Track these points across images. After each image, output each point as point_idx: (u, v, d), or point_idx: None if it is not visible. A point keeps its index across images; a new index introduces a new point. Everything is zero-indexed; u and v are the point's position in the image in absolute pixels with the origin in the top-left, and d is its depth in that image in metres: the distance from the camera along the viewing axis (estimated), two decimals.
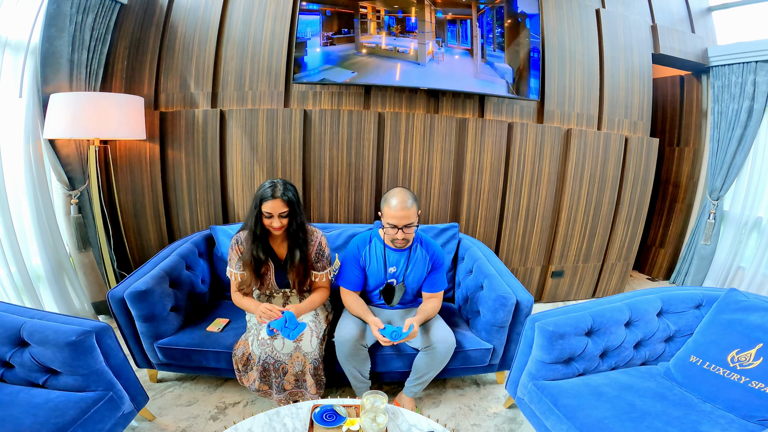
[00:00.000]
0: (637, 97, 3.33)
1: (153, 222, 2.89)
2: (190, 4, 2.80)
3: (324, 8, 2.61)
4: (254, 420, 1.42)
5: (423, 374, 1.94)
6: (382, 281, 2.09)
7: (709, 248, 3.68)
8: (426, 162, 2.91)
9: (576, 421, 1.51)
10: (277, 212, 1.83)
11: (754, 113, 3.28)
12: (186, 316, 2.13)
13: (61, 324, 1.43)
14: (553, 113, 3.12)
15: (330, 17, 2.63)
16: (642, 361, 1.87)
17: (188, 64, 2.79)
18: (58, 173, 2.50)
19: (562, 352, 1.68)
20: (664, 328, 1.82)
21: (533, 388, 1.73)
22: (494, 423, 2.04)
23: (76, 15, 2.44)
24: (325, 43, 2.63)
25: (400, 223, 1.88)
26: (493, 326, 2.04)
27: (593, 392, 1.61)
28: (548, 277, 3.39)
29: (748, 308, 1.63)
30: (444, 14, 2.75)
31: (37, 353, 1.42)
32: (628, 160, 3.29)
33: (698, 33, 3.61)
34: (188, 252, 2.28)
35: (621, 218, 3.42)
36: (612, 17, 3.25)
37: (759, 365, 1.51)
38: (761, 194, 3.41)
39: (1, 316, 1.46)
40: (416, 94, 2.89)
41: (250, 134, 2.74)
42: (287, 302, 2.04)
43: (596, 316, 1.74)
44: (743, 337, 1.58)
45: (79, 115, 2.26)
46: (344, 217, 2.92)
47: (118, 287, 1.87)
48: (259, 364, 1.77)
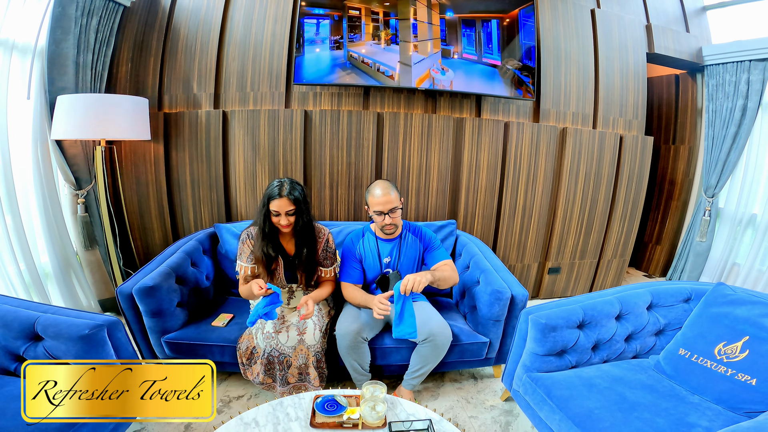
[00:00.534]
0: (632, 96, 3.38)
1: (157, 220, 2.96)
2: (192, 6, 2.86)
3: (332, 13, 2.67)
4: (258, 410, 1.48)
5: (421, 366, 2.01)
6: (378, 272, 2.18)
7: (704, 245, 3.72)
8: (424, 161, 2.97)
9: (568, 411, 1.56)
10: (284, 210, 1.89)
11: (748, 111, 3.32)
12: (191, 312, 2.19)
13: (74, 318, 1.49)
14: (549, 112, 3.17)
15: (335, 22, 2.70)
16: (633, 355, 1.92)
17: (191, 66, 2.84)
18: (65, 173, 2.56)
19: (554, 344, 1.74)
20: (654, 322, 1.88)
21: (527, 379, 1.78)
22: (491, 415, 2.10)
23: (80, 18, 2.49)
24: (333, 47, 2.70)
25: (386, 208, 2.00)
26: (489, 320, 2.10)
27: (585, 384, 1.66)
28: (545, 273, 3.45)
29: (734, 302, 1.68)
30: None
31: (51, 347, 1.48)
32: (623, 158, 3.34)
33: (693, 32, 3.65)
34: (193, 249, 2.34)
35: (616, 215, 3.47)
36: (607, 17, 3.30)
37: (745, 358, 1.55)
38: (755, 191, 3.46)
39: (15, 311, 1.52)
40: (414, 94, 2.95)
41: (253, 134, 2.80)
42: (292, 297, 2.11)
43: (587, 309, 1.80)
44: (730, 330, 1.62)
45: (85, 117, 2.30)
46: (344, 215, 2.98)
47: (127, 283, 1.93)
48: (263, 357, 1.84)
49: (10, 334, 1.50)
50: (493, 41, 2.89)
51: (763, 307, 1.61)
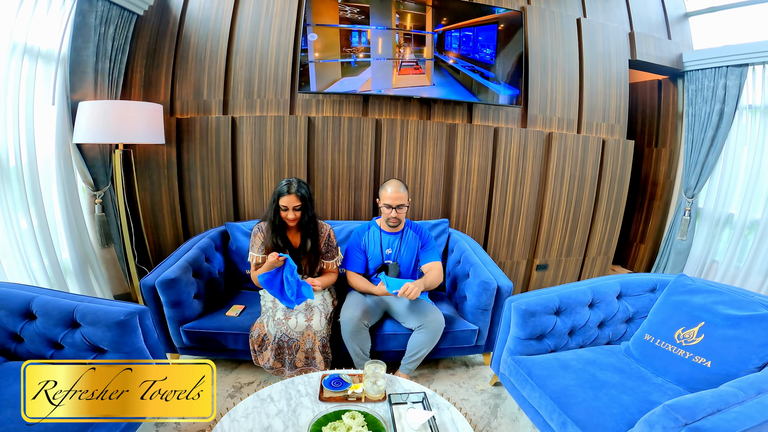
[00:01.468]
0: (614, 101, 3.58)
1: (169, 219, 3.13)
2: (201, 16, 3.01)
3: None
4: (272, 388, 1.68)
5: (417, 351, 2.21)
6: (380, 262, 2.41)
7: (685, 243, 3.87)
8: (419, 164, 3.17)
9: (546, 388, 1.75)
10: (292, 206, 2.15)
11: (725, 116, 3.45)
12: (206, 303, 2.39)
13: (109, 306, 1.68)
14: (536, 118, 3.37)
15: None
16: (607, 341, 2.13)
17: (201, 73, 3.00)
18: (83, 175, 2.72)
19: (534, 328, 1.95)
20: (623, 310, 2.09)
21: (512, 362, 1.99)
22: (481, 398, 2.31)
23: (99, 26, 2.59)
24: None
25: (394, 203, 2.29)
26: (478, 309, 2.32)
27: (561, 365, 1.86)
28: (533, 270, 3.65)
29: (693, 291, 1.89)
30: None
31: (88, 333, 1.66)
32: (605, 160, 3.54)
33: (674, 39, 3.81)
34: (207, 246, 2.54)
35: (600, 215, 3.67)
36: (592, 26, 3.47)
37: (701, 342, 1.72)
38: (732, 192, 3.58)
39: (55, 300, 1.70)
40: (410, 102, 3.15)
41: (260, 139, 2.99)
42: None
43: (563, 297, 2.01)
44: (688, 317, 1.81)
45: (106, 122, 2.43)
46: (345, 215, 3.18)
47: (149, 276, 2.12)
48: (274, 343, 2.04)
49: (50, 321, 1.68)
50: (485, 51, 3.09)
51: (717, 295, 1.81)
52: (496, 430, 2.06)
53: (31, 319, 1.71)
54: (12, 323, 1.70)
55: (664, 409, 1.28)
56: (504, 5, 3.25)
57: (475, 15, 3.06)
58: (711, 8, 3.80)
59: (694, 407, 1.26)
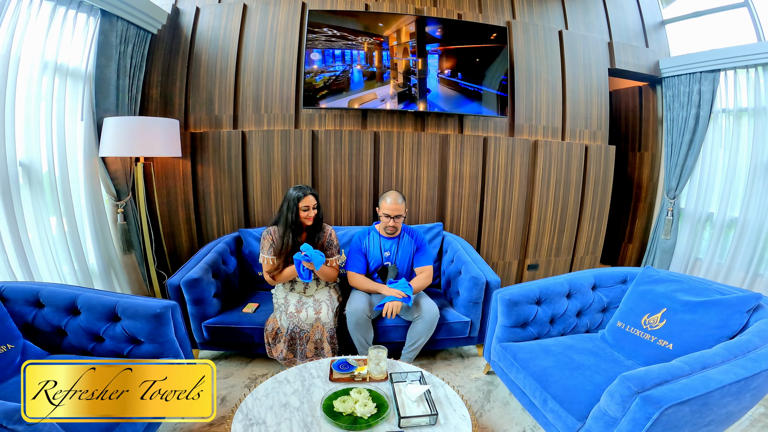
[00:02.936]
0: (596, 109, 3.81)
1: (185, 227, 3.37)
2: (210, 35, 3.25)
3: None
4: (288, 372, 1.91)
5: (416, 341, 2.46)
6: (379, 263, 2.65)
7: (669, 242, 4.01)
8: (415, 172, 3.41)
9: (529, 370, 1.98)
10: (312, 205, 2.44)
11: (701, 120, 3.62)
12: (223, 302, 2.63)
13: (145, 301, 1.93)
14: (522, 127, 3.61)
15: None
16: (586, 329, 2.37)
17: (212, 90, 3.24)
18: (107, 186, 2.93)
19: (518, 317, 2.20)
20: (598, 300, 2.34)
21: (500, 348, 2.22)
22: (475, 385, 2.53)
23: (119, 45, 2.79)
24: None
25: (393, 213, 2.53)
26: (470, 302, 2.57)
27: (543, 350, 2.08)
28: (525, 269, 3.87)
29: (657, 281, 2.12)
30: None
31: (128, 325, 1.90)
32: (588, 165, 3.77)
33: (652, 46, 4.01)
34: (223, 250, 2.79)
35: (586, 216, 3.89)
36: (573, 37, 3.70)
37: (663, 326, 1.92)
38: (711, 192, 3.72)
39: (98, 296, 1.95)
40: (405, 115, 3.40)
41: (267, 152, 3.23)
42: (307, 287, 2.57)
43: (543, 288, 2.26)
44: (652, 304, 2.03)
45: (129, 137, 2.65)
46: (347, 221, 3.42)
47: (174, 276, 2.37)
48: (287, 335, 2.29)
49: (93, 316, 1.92)
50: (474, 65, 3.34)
51: (677, 284, 2.04)
52: (489, 412, 2.29)
53: (75, 314, 1.95)
54: (57, 318, 1.94)
55: (620, 379, 1.50)
56: (491, 22, 3.50)
57: (467, 33, 3.31)
58: (685, 15, 3.98)
59: (644, 377, 1.47)
